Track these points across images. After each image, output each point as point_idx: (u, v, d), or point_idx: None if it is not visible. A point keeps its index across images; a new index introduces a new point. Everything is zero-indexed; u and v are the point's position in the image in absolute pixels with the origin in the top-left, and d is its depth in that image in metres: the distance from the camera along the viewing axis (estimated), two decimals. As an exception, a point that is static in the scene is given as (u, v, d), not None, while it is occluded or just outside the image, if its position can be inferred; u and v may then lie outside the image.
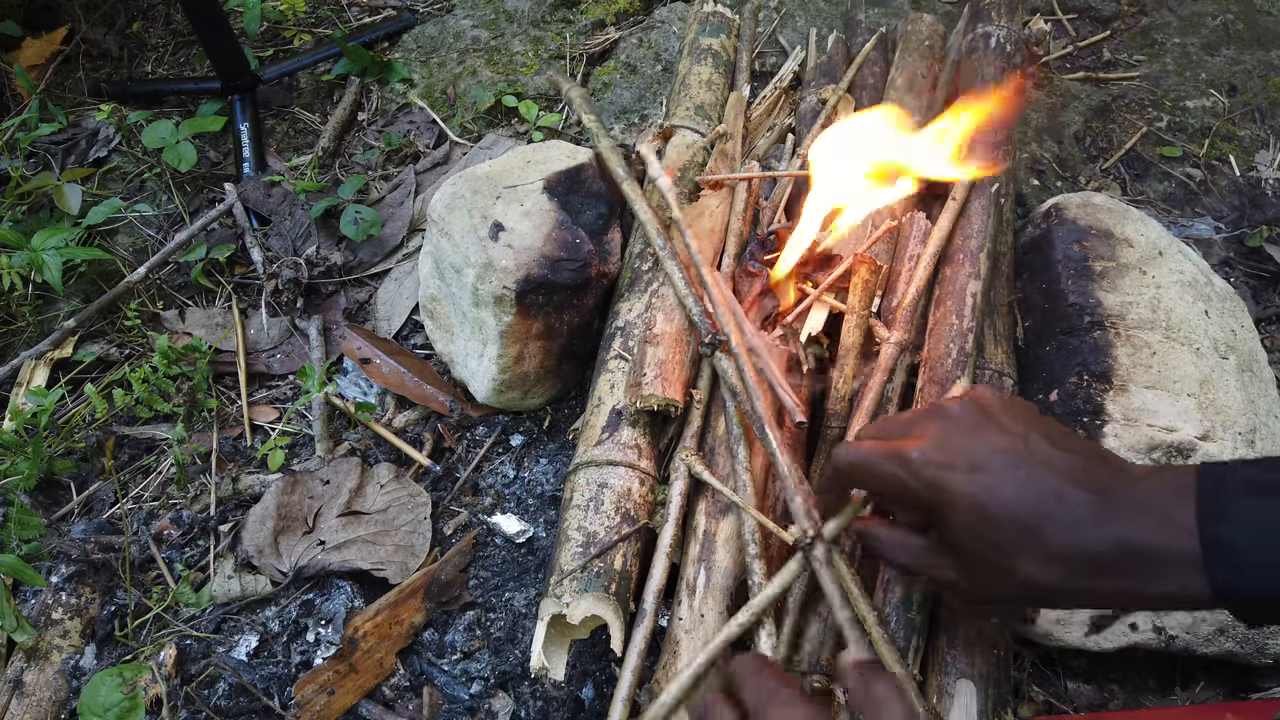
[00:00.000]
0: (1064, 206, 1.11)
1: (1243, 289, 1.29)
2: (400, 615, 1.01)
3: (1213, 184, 1.40)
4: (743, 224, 1.14)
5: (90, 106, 1.58)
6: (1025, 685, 0.95)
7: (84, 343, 1.30)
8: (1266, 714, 0.90)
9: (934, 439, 0.64)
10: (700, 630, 0.86)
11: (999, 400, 0.67)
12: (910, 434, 0.67)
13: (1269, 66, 1.53)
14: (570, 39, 1.62)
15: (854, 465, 0.69)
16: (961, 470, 0.62)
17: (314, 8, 1.73)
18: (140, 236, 1.42)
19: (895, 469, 0.65)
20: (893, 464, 0.65)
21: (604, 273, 1.12)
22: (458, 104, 1.53)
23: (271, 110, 1.58)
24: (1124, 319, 1.00)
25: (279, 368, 1.27)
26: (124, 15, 1.72)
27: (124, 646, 1.04)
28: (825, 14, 1.59)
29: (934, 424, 0.66)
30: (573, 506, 0.94)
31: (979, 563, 0.63)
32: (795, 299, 1.05)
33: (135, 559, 1.09)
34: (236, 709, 0.97)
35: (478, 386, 1.14)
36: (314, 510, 1.09)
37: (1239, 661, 0.94)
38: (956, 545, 0.64)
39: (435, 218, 1.13)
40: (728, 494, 0.89)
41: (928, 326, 1.02)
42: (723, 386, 0.98)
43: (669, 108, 1.34)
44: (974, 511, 0.61)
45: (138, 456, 1.20)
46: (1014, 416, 0.65)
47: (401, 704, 0.97)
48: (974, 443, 0.63)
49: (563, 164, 1.16)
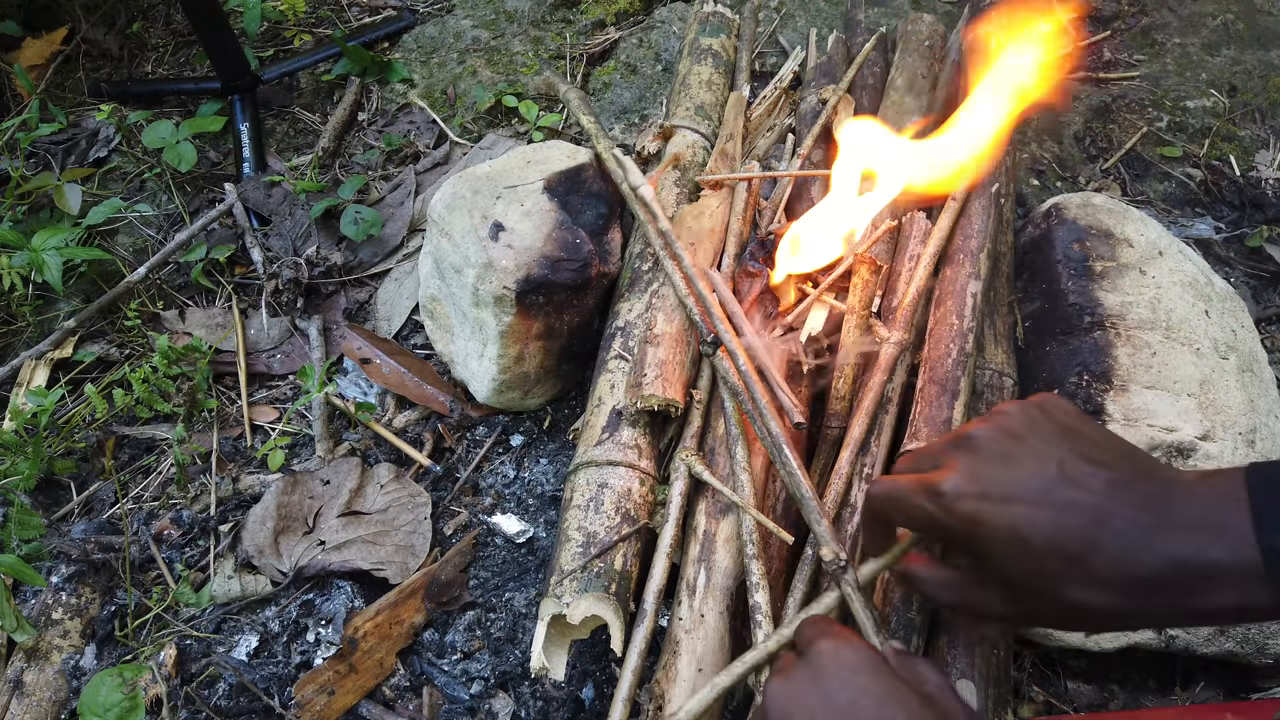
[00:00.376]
0: (1064, 206, 1.11)
1: (1243, 289, 1.29)
2: (400, 615, 1.01)
3: (1213, 184, 1.40)
4: (743, 224, 1.14)
5: (90, 106, 1.58)
6: (1025, 685, 0.95)
7: (84, 343, 1.30)
8: (1266, 714, 0.89)
9: (965, 470, 0.61)
10: (700, 630, 0.86)
11: (1026, 418, 0.63)
12: (941, 464, 0.64)
13: (1269, 66, 1.53)
14: (570, 39, 1.62)
15: (887, 500, 0.67)
16: (996, 501, 0.59)
17: (314, 8, 1.73)
18: (140, 236, 1.42)
19: (926, 504, 0.62)
20: (924, 498, 0.63)
21: (604, 273, 1.12)
22: (458, 104, 1.53)
23: (271, 110, 1.58)
24: (1124, 319, 1.00)
25: (279, 368, 1.27)
26: (124, 15, 1.72)
27: (124, 646, 1.03)
28: (825, 14, 1.60)
29: (963, 454, 0.63)
30: (573, 506, 0.94)
31: (1025, 593, 0.60)
32: (795, 299, 1.05)
33: (135, 559, 1.09)
34: (236, 709, 0.97)
35: (478, 386, 1.14)
36: (314, 510, 1.09)
37: (1239, 661, 0.94)
38: (999, 576, 0.62)
39: (435, 218, 1.13)
40: (728, 494, 0.89)
41: (928, 326, 1.02)
42: (722, 386, 0.98)
43: (669, 108, 1.34)
44: (1014, 544, 0.58)
45: (138, 456, 1.20)
46: (1044, 436, 0.61)
47: (401, 704, 0.97)
48: (1005, 472, 0.60)
49: (563, 164, 1.16)
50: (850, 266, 1.03)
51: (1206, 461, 0.91)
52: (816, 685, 0.61)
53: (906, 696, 0.59)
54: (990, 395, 1.00)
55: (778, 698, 0.62)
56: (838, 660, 0.62)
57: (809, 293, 1.05)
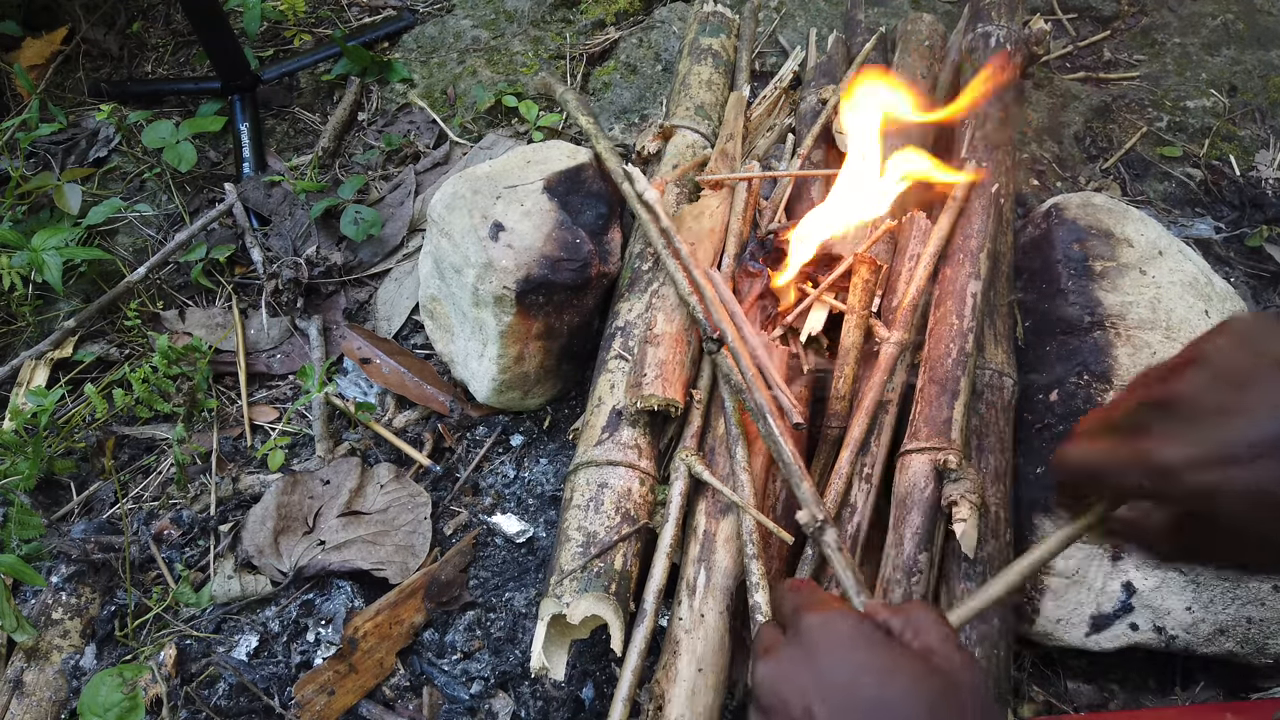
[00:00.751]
0: (1064, 206, 1.11)
1: (1243, 289, 1.29)
2: (400, 615, 1.01)
3: (1213, 184, 1.40)
4: (743, 224, 1.14)
5: (90, 106, 1.58)
6: (1025, 685, 0.95)
7: (84, 343, 1.30)
8: (1266, 714, 0.89)
9: (1186, 436, 0.53)
10: (700, 630, 0.86)
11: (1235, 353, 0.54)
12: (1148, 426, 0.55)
13: (1269, 66, 1.53)
14: (570, 39, 1.62)
15: (1090, 475, 0.58)
16: (1238, 465, 0.51)
17: (314, 8, 1.73)
18: (140, 236, 1.42)
19: (1146, 480, 0.54)
20: (1143, 475, 0.54)
21: (604, 273, 1.12)
22: (458, 104, 1.53)
23: (271, 110, 1.58)
24: (1124, 319, 1.00)
25: (279, 368, 1.27)
26: (124, 15, 1.72)
27: (124, 646, 1.03)
28: (825, 14, 1.59)
29: (1175, 416, 0.54)
30: (573, 506, 0.94)
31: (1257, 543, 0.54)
32: (795, 299, 1.05)
33: (135, 559, 1.09)
34: (236, 709, 0.97)
35: (478, 386, 1.14)
36: (314, 510, 1.09)
37: (1239, 661, 0.94)
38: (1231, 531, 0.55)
39: (435, 218, 1.13)
40: (728, 494, 0.89)
41: (928, 326, 1.02)
42: (722, 386, 0.98)
43: (669, 108, 1.34)
44: (1260, 504, 0.51)
45: (138, 456, 1.20)
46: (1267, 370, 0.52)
47: (401, 704, 0.97)
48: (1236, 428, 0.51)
49: (563, 164, 1.16)
50: (850, 266, 1.03)
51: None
52: (809, 664, 0.55)
53: (909, 664, 0.54)
54: (990, 395, 1.00)
55: (768, 681, 0.57)
56: (829, 634, 0.56)
57: (809, 293, 1.05)
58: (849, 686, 0.53)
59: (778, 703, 0.55)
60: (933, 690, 0.52)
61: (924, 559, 0.87)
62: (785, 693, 0.55)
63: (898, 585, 0.86)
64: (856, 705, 0.52)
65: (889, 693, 0.52)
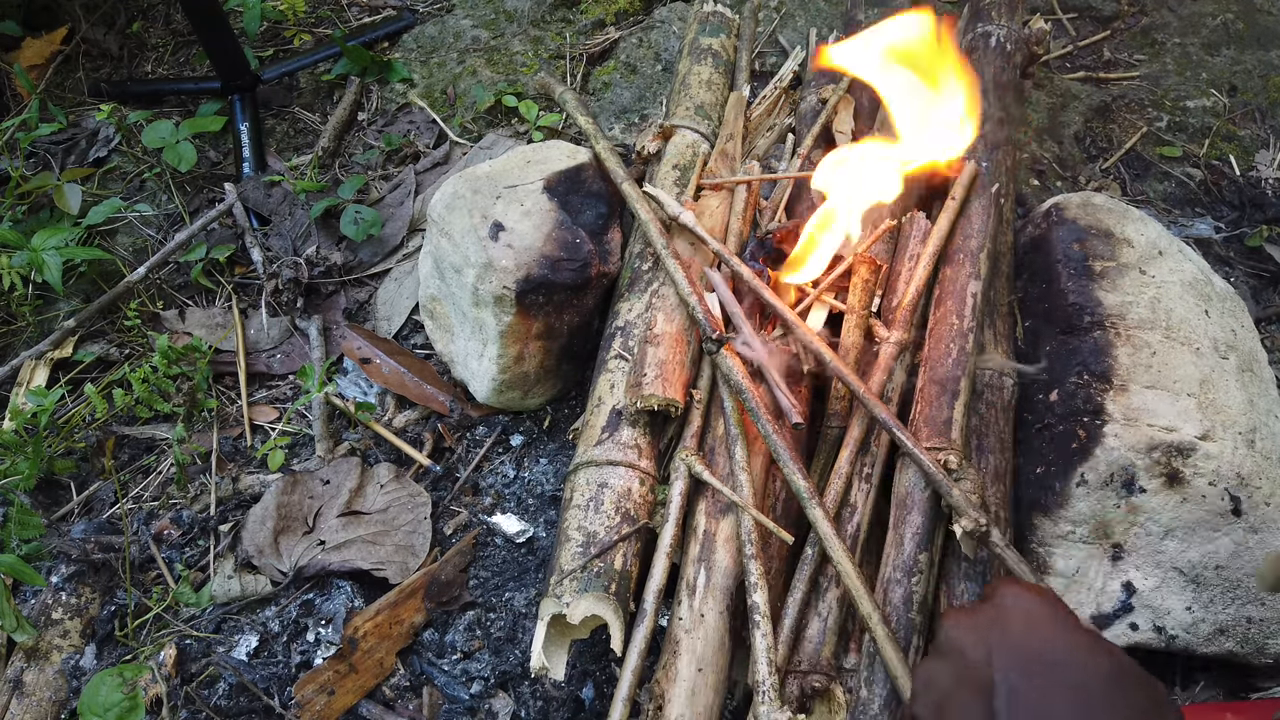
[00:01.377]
0: (1064, 206, 1.11)
1: (1243, 289, 1.29)
2: (400, 615, 1.01)
3: (1213, 184, 1.40)
4: (743, 224, 1.14)
5: (90, 106, 1.58)
6: (1025, 685, 0.95)
7: (84, 343, 1.30)
8: (1266, 714, 0.89)
9: None
10: (700, 630, 0.86)
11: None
12: None
13: (1269, 66, 1.53)
14: (570, 39, 1.62)
15: None
16: None
17: (314, 8, 1.73)
18: (140, 236, 1.42)
19: None
20: None
21: (604, 273, 1.12)
22: (458, 104, 1.53)
23: (271, 110, 1.58)
24: (1124, 319, 1.00)
25: (279, 368, 1.27)
26: (124, 15, 1.72)
27: (124, 646, 1.03)
28: (825, 14, 1.59)
29: None
30: (573, 506, 0.94)
31: None
32: (795, 299, 1.05)
33: (135, 559, 1.09)
34: (236, 709, 0.97)
35: (478, 386, 1.14)
36: (314, 510, 1.09)
37: (1239, 661, 0.94)
38: None
39: (435, 218, 1.13)
40: (728, 494, 0.89)
41: (928, 326, 1.02)
42: (723, 385, 0.98)
43: (669, 107, 1.34)
44: None
45: (138, 456, 1.20)
46: None
47: (401, 704, 0.97)
48: None
49: (563, 164, 1.16)
50: (850, 266, 1.03)
51: (1206, 460, 0.91)
52: (999, 625, 0.61)
53: (1088, 641, 0.58)
54: (990, 395, 1.00)
55: (955, 630, 0.62)
56: (1022, 605, 0.61)
57: (809, 292, 1.05)
58: (1036, 655, 0.59)
59: (957, 648, 0.61)
60: (1107, 666, 0.57)
61: (924, 559, 0.87)
62: (966, 641, 0.61)
63: (898, 585, 0.86)
64: (1035, 665, 0.58)
65: (1074, 674, 0.57)
